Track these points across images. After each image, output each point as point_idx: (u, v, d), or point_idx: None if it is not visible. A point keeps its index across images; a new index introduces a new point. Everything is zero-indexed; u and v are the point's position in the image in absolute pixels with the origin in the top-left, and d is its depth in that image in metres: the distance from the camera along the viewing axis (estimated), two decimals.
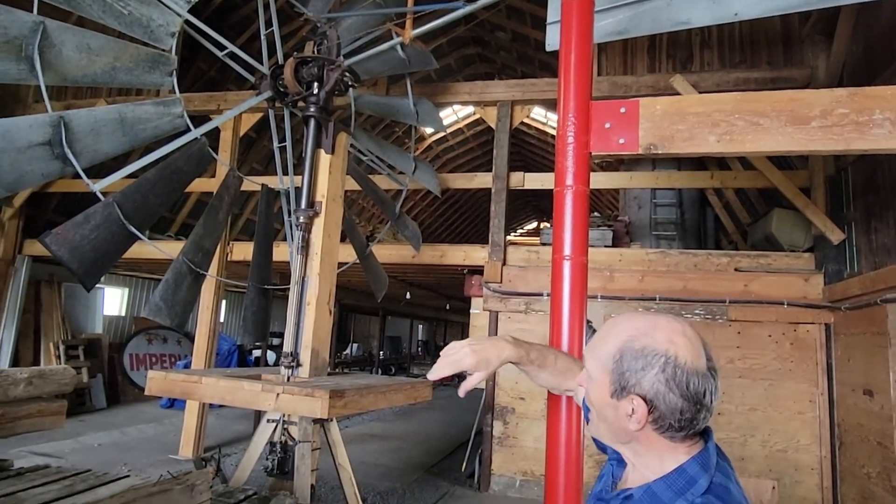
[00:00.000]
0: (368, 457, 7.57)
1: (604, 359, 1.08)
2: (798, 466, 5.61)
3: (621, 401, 1.05)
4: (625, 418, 1.05)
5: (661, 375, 1.02)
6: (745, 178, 6.86)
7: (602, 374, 1.08)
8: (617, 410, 1.06)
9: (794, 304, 5.77)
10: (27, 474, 2.45)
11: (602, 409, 1.09)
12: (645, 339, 1.05)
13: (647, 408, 1.02)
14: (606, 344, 1.09)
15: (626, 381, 1.04)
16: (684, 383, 1.02)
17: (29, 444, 6.71)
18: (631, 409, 1.04)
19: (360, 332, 23.85)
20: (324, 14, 4.58)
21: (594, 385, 1.10)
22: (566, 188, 1.65)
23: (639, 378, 1.03)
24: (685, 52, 6.31)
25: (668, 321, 1.08)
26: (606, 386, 1.07)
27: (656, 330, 1.06)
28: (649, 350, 1.03)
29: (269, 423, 3.89)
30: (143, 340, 11.70)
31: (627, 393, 1.04)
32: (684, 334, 1.05)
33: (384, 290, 5.84)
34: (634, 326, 1.08)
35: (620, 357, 1.05)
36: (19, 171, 3.31)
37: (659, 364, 1.02)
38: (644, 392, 1.02)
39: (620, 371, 1.05)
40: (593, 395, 1.11)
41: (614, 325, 1.11)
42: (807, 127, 1.61)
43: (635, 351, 1.04)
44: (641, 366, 1.03)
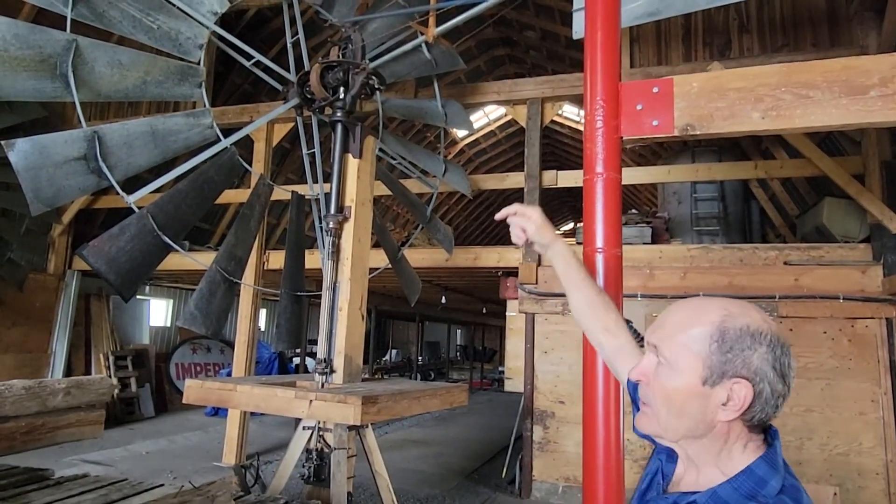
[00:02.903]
0: (408, 463, 7.52)
1: (692, 342, 0.94)
2: (861, 471, 5.26)
3: (716, 388, 0.93)
4: (715, 408, 0.93)
5: (768, 355, 0.92)
6: (791, 166, 6.53)
7: (690, 359, 0.94)
8: (707, 400, 0.93)
9: (850, 298, 5.43)
10: (66, 483, 2.48)
11: (685, 401, 0.95)
12: (744, 318, 0.94)
13: (751, 391, 0.91)
14: (692, 327, 0.96)
15: (730, 363, 0.92)
16: (787, 364, 0.93)
17: (80, 453, 6.92)
18: (727, 396, 0.92)
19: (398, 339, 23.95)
20: (348, 18, 4.57)
21: (675, 375, 0.96)
22: (596, 176, 1.54)
23: (746, 358, 0.92)
24: (723, 38, 6.06)
25: (747, 304, 0.99)
26: (697, 372, 0.94)
27: (750, 310, 0.96)
28: (754, 328, 0.93)
29: (304, 430, 3.87)
30: (188, 350, 12.00)
31: (728, 377, 0.92)
32: (770, 319, 0.97)
33: (417, 294, 5.79)
34: (723, 307, 0.96)
35: (721, 337, 0.93)
36: (57, 186, 3.39)
37: (766, 342, 0.92)
38: (751, 374, 0.92)
39: (723, 352, 0.92)
40: (671, 386, 0.96)
41: (694, 307, 0.99)
42: (864, 97, 1.45)
43: (738, 330, 0.93)
44: (749, 344, 0.92)
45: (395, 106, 5.90)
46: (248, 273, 6.82)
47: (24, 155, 3.22)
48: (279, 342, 4.59)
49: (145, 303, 11.61)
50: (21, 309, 8.32)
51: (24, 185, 3.23)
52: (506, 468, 6.72)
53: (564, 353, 6.19)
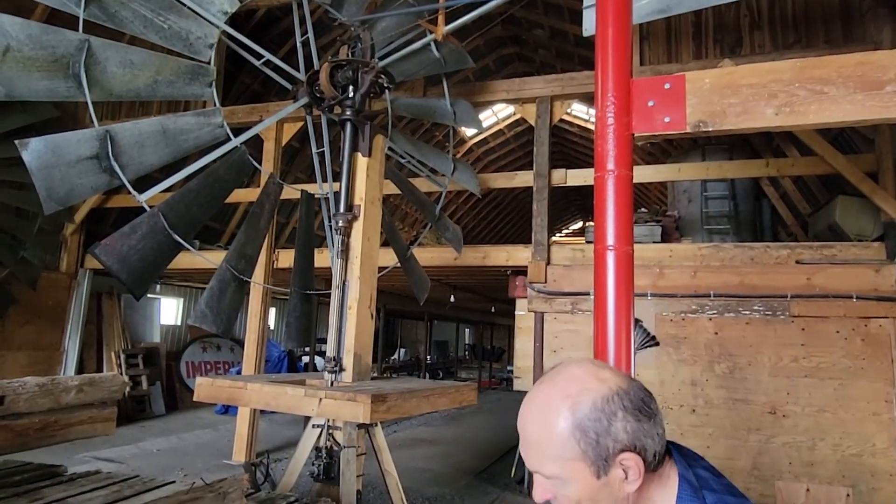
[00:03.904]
0: (417, 461, 7.53)
1: (563, 451, 0.92)
2: (875, 472, 5.20)
3: (609, 473, 0.92)
4: (621, 488, 0.93)
5: (627, 415, 0.91)
6: (803, 164, 6.47)
7: (571, 466, 0.92)
8: (610, 486, 0.93)
9: (864, 298, 5.37)
10: (78, 480, 2.50)
11: (594, 498, 0.94)
12: (585, 395, 0.92)
13: (638, 456, 0.91)
14: (550, 436, 0.93)
15: (603, 446, 0.91)
16: (643, 401, 0.93)
17: (93, 450, 6.98)
18: (622, 471, 0.92)
19: (407, 337, 23.98)
20: (357, 17, 4.58)
21: (572, 485, 0.93)
22: (607, 173, 1.53)
23: (613, 434, 0.91)
24: (734, 35, 6.00)
25: (575, 369, 0.97)
26: (587, 472, 0.92)
27: (584, 378, 0.95)
28: (600, 401, 0.92)
29: (314, 428, 3.89)
30: (198, 348, 12.08)
31: (612, 457, 0.91)
32: (598, 367, 0.96)
33: (426, 293, 5.79)
34: (563, 395, 0.94)
35: (581, 432, 0.91)
36: (70, 185, 3.43)
37: (617, 405, 0.92)
38: (629, 442, 0.91)
39: (592, 443, 0.91)
40: (577, 494, 0.94)
41: (539, 414, 0.96)
42: (880, 93, 1.43)
43: (589, 414, 0.91)
44: (607, 421, 0.91)
45: (404, 105, 5.91)
46: (257, 271, 6.85)
47: (37, 154, 3.26)
48: (289, 340, 4.61)
49: (156, 301, 11.70)
50: (34, 307, 8.41)
51: (37, 184, 3.26)
52: (514, 467, 6.70)
53: (574, 352, 6.17)
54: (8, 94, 3.24)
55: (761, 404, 5.50)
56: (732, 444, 5.54)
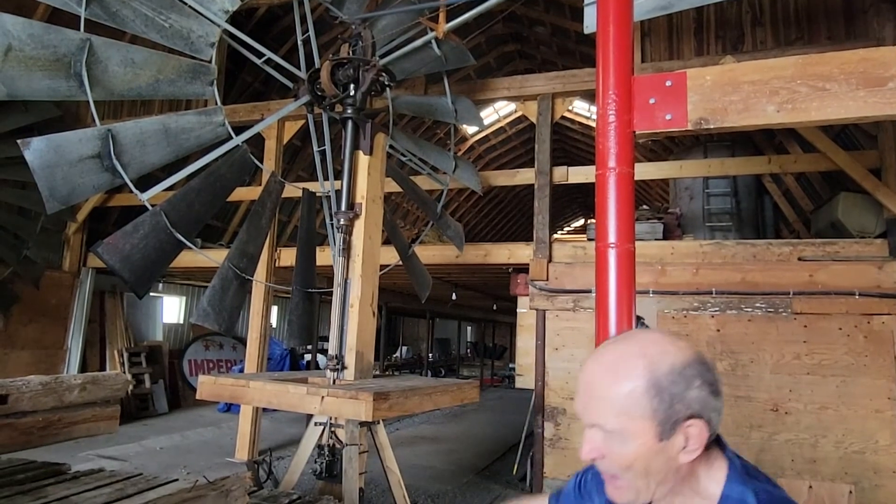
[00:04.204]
0: (419, 459, 7.54)
1: (633, 406, 0.91)
2: (878, 469, 5.19)
3: (672, 438, 0.91)
4: (677, 454, 0.92)
5: (703, 384, 0.91)
6: (805, 161, 6.45)
7: (637, 423, 0.91)
8: (667, 451, 0.92)
9: (866, 295, 5.36)
10: (82, 478, 2.51)
11: (650, 464, 0.93)
12: (666, 357, 0.92)
13: (706, 425, 0.91)
14: (623, 390, 0.92)
15: (675, 411, 0.90)
16: (716, 380, 0.94)
17: (96, 448, 7.01)
18: (684, 440, 0.92)
19: (409, 335, 24.01)
20: (358, 15, 4.57)
21: (631, 443, 0.92)
22: (609, 171, 1.53)
23: (687, 399, 0.90)
24: (735, 31, 5.99)
25: (652, 333, 0.98)
26: (651, 433, 0.91)
27: (665, 343, 0.95)
28: (680, 365, 0.91)
29: (316, 426, 3.89)
30: (201, 347, 12.11)
31: (679, 423, 0.91)
32: (678, 338, 0.96)
33: (428, 291, 5.79)
34: (642, 354, 0.93)
35: (657, 390, 0.90)
36: (72, 184, 3.43)
37: (695, 373, 0.91)
38: (698, 410, 0.91)
39: (666, 403, 0.90)
40: (633, 455, 0.93)
41: (615, 367, 0.95)
42: (882, 89, 1.42)
43: (668, 375, 0.91)
44: (684, 385, 0.91)
45: (405, 102, 5.90)
46: (259, 270, 6.86)
47: (39, 153, 3.26)
48: (291, 339, 4.61)
49: (159, 300, 11.72)
50: (37, 306, 8.44)
51: (39, 183, 3.27)
52: (517, 465, 6.72)
53: (576, 350, 6.17)
54: (10, 94, 3.25)
55: (763, 401, 5.50)
56: (734, 441, 5.54)
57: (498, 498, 6.09)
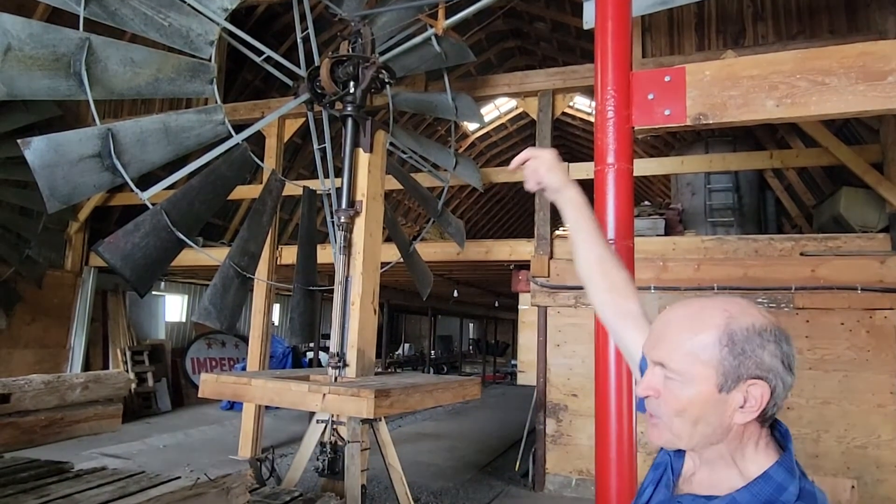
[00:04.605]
0: (421, 456, 7.55)
1: (701, 351, 0.91)
2: (880, 464, 5.19)
3: (732, 392, 0.91)
4: (732, 412, 0.92)
5: (777, 350, 0.91)
6: (807, 156, 6.43)
7: (702, 368, 0.91)
8: (724, 405, 0.92)
9: (868, 289, 5.35)
10: (84, 476, 2.52)
11: (702, 410, 0.92)
12: (746, 317, 0.92)
13: (768, 390, 0.90)
14: (697, 334, 0.92)
15: (743, 365, 0.90)
16: (791, 355, 0.92)
17: (99, 446, 7.02)
18: (743, 398, 0.91)
19: (411, 332, 24.02)
20: (357, 13, 4.56)
21: (688, 386, 0.92)
22: (607, 167, 1.53)
23: (758, 358, 0.90)
24: (737, 26, 5.96)
25: (744, 300, 0.97)
26: (711, 380, 0.91)
27: (747, 306, 0.95)
28: (759, 326, 0.91)
29: (318, 423, 3.90)
30: (203, 345, 12.13)
31: (743, 380, 0.90)
32: (765, 309, 0.96)
33: (429, 288, 5.79)
34: (723, 308, 0.94)
35: (731, 340, 0.91)
36: (73, 184, 3.44)
37: (773, 338, 0.91)
38: (765, 372, 0.90)
39: (735, 355, 0.90)
40: (686, 398, 0.93)
41: (693, 313, 0.96)
42: (882, 83, 1.41)
43: (745, 330, 0.91)
44: (759, 343, 0.90)
45: (405, 100, 5.89)
46: (261, 268, 6.87)
47: (39, 153, 3.27)
48: (292, 336, 4.62)
49: (161, 298, 11.74)
50: (40, 305, 8.46)
51: (40, 182, 3.27)
52: (519, 461, 6.72)
53: (577, 347, 6.17)
54: (10, 94, 3.25)
55: None
56: None
57: (501, 494, 6.10)
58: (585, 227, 1.37)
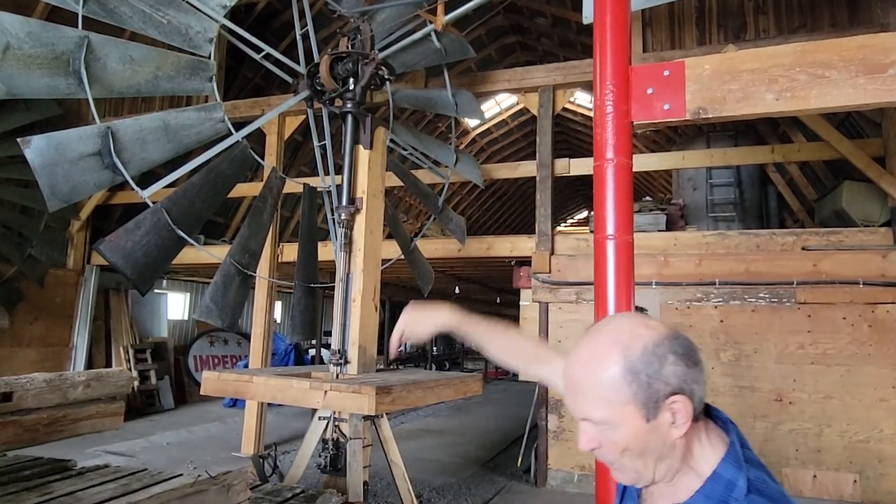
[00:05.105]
0: (424, 452, 7.57)
1: (614, 394, 0.93)
2: (882, 458, 5.19)
3: (658, 417, 0.93)
4: (668, 431, 0.94)
5: (677, 359, 0.93)
6: (809, 150, 6.41)
7: (622, 410, 0.93)
8: (658, 430, 0.94)
9: (870, 283, 5.34)
10: (87, 474, 2.53)
11: (644, 445, 0.95)
12: (637, 341, 0.94)
13: (688, 400, 0.93)
14: (602, 380, 0.94)
15: (655, 390, 0.92)
16: (691, 349, 0.94)
17: (103, 444, 7.05)
18: (671, 416, 0.93)
19: None
20: (357, 9, 4.55)
21: (621, 429, 0.95)
22: (606, 162, 1.52)
23: (664, 376, 0.92)
24: (738, 20, 5.93)
25: (623, 318, 1.01)
26: (637, 416, 0.93)
27: (634, 325, 0.97)
28: (651, 344, 0.93)
29: (320, 420, 3.91)
30: (206, 343, 12.15)
31: (662, 401, 0.92)
32: (646, 318, 0.98)
33: (430, 284, 5.79)
34: (614, 341, 0.95)
35: (633, 374, 0.92)
36: (73, 182, 3.44)
37: (668, 349, 0.93)
38: (678, 385, 0.92)
39: (643, 384, 0.92)
40: (625, 439, 0.95)
41: (590, 359, 0.97)
42: (882, 76, 1.40)
43: (641, 357, 0.92)
44: (658, 364, 0.92)
45: (405, 96, 5.88)
46: (262, 266, 6.87)
47: (39, 152, 3.27)
48: (294, 334, 4.63)
49: (163, 296, 11.76)
50: (42, 304, 8.48)
51: (40, 181, 3.28)
52: (521, 457, 6.73)
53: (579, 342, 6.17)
54: (9, 92, 3.25)
55: (767, 391, 5.49)
56: None
57: (503, 489, 6.11)
58: (482, 335, 1.46)
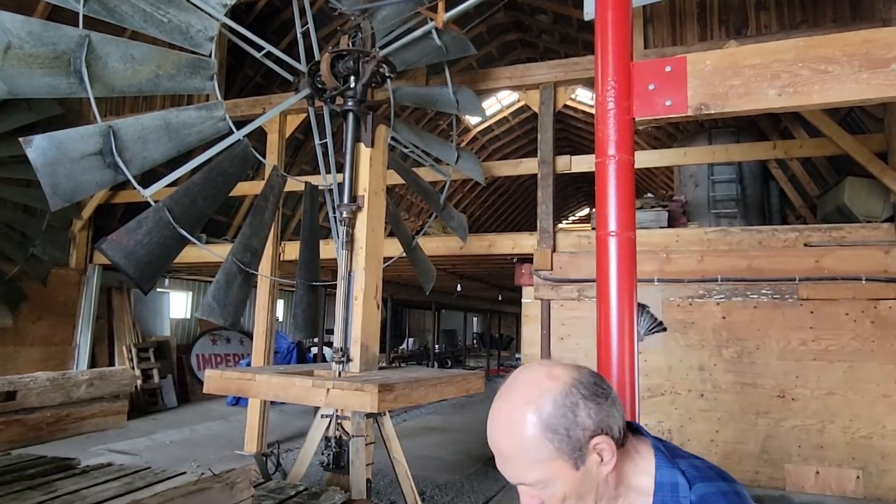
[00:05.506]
0: (426, 450, 7.58)
1: (539, 454, 0.95)
2: (885, 454, 5.18)
3: (586, 461, 0.95)
4: (599, 471, 0.96)
5: (588, 402, 0.95)
6: (811, 146, 6.39)
7: (552, 465, 0.95)
8: (589, 473, 0.96)
9: (873, 279, 5.33)
10: (91, 472, 2.54)
11: (578, 489, 0.97)
12: (546, 396, 0.95)
13: (608, 437, 0.95)
14: (524, 444, 0.95)
15: (575, 439, 0.94)
16: (597, 384, 0.97)
17: (107, 443, 7.07)
18: (597, 455, 0.95)
19: (415, 327, 24.07)
20: (357, 7, 4.54)
21: (556, 483, 0.96)
22: (608, 158, 1.52)
23: (580, 423, 0.94)
24: (739, 16, 5.91)
25: (526, 374, 1.01)
26: (566, 467, 0.95)
27: (541, 378, 0.98)
28: (560, 397, 0.95)
29: (323, 418, 3.92)
30: (208, 341, 12.17)
31: (585, 446, 0.94)
32: (548, 367, 0.99)
33: (432, 282, 5.80)
34: (525, 402, 0.96)
35: (551, 431, 0.94)
36: (75, 182, 3.44)
37: (577, 395, 0.95)
38: (595, 427, 0.95)
39: (563, 437, 0.94)
40: (562, 491, 0.97)
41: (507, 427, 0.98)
42: (885, 71, 1.40)
43: (552, 410, 0.94)
44: (571, 414, 0.94)
45: (406, 94, 5.88)
46: (264, 264, 6.87)
47: (41, 151, 3.27)
48: (296, 332, 4.63)
49: (165, 295, 11.78)
50: (45, 303, 8.50)
51: (42, 181, 3.28)
52: None
53: (581, 340, 6.17)
54: (10, 92, 3.25)
55: (770, 388, 5.49)
56: (741, 428, 5.53)
57: (505, 486, 6.12)
58: None
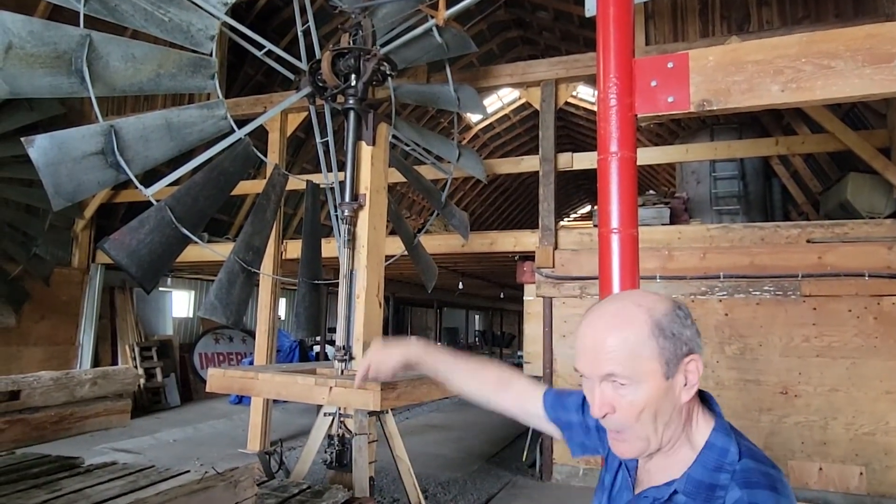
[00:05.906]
0: (429, 447, 7.59)
1: (641, 349, 0.95)
2: (889, 450, 5.18)
3: (676, 375, 0.97)
4: (679, 395, 0.98)
5: (691, 323, 0.99)
6: (813, 142, 6.37)
7: (647, 364, 0.95)
8: (672, 391, 0.97)
9: (876, 276, 5.31)
10: (95, 471, 2.54)
11: (657, 403, 0.96)
12: (659, 303, 0.99)
13: (701, 361, 0.98)
14: (629, 335, 0.96)
15: (678, 347, 0.96)
16: (694, 321, 1.01)
17: (111, 441, 7.09)
18: (684, 377, 0.97)
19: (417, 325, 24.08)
20: (358, 4, 4.54)
21: (641, 386, 0.95)
22: (610, 155, 1.51)
23: (685, 335, 0.97)
24: (741, 11, 5.89)
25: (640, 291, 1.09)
26: (658, 372, 0.95)
27: (646, 296, 1.02)
28: (672, 307, 0.98)
29: (325, 416, 3.92)
30: (211, 340, 12.20)
31: (681, 360, 0.96)
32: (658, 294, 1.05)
33: (434, 280, 5.80)
34: (637, 304, 0.99)
35: (660, 329, 0.95)
36: (77, 181, 3.44)
37: (684, 313, 0.99)
38: (693, 346, 0.98)
39: (669, 340, 0.95)
40: (642, 398, 0.96)
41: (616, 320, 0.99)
42: (889, 66, 1.39)
43: (665, 315, 0.97)
44: (680, 324, 0.97)
45: (407, 92, 5.87)
46: (266, 263, 6.89)
47: (43, 151, 3.27)
48: (298, 330, 4.63)
49: (168, 294, 11.80)
50: (48, 303, 8.52)
51: (44, 180, 3.28)
52: (526, 452, 6.74)
53: None
54: (11, 92, 3.25)
55: (773, 385, 5.48)
56: (744, 424, 5.53)
57: (508, 484, 6.13)
58: (452, 372, 1.45)
